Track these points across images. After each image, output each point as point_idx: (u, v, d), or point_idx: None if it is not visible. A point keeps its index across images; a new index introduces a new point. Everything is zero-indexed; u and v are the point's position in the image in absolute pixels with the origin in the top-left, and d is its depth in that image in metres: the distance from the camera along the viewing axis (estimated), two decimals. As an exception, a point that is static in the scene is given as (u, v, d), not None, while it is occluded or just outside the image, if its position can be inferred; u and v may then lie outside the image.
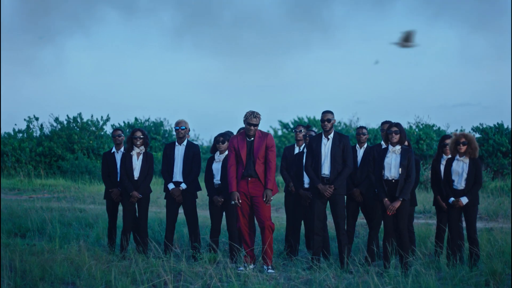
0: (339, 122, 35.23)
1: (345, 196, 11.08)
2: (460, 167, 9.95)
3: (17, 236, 12.87)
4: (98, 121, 35.42)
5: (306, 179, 10.57)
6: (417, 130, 32.69)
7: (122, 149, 11.15)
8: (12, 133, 35.04)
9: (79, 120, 35.70)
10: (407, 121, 34.06)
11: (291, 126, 37.72)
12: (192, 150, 10.79)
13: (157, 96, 50.50)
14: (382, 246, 9.74)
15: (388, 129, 9.76)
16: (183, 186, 10.69)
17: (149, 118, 37.91)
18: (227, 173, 9.81)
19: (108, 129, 37.24)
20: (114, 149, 11.31)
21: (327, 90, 49.14)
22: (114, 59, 52.29)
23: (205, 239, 11.45)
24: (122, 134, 11.36)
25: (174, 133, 38.16)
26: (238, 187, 9.71)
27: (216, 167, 10.69)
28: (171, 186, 10.72)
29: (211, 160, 10.79)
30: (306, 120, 35.72)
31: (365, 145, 11.13)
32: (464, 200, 9.83)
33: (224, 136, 10.66)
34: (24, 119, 35.55)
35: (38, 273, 8.59)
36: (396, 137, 9.67)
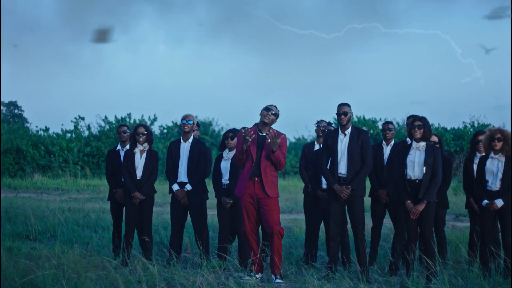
0: (391, 121, 33.91)
1: (370, 198, 10.17)
2: (495, 166, 8.87)
3: (27, 239, 12.23)
4: (145, 122, 35.03)
5: (324, 179, 9.62)
6: (471, 130, 31.33)
7: (128, 146, 10.34)
8: (61, 133, 34.88)
9: (127, 120, 35.42)
10: (462, 120, 32.73)
11: None
12: (198, 147, 9.91)
13: (201, 95, 49.88)
14: (406, 253, 8.74)
15: (412, 123, 8.75)
16: (188, 187, 9.84)
17: (196, 117, 37.28)
18: (235, 155, 8.86)
19: (155, 129, 36.90)
20: (119, 147, 10.56)
21: (381, 89, 47.76)
22: (152, 56, 51.84)
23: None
24: (128, 131, 10.58)
25: (222, 132, 37.88)
26: (244, 188, 8.75)
27: (225, 165, 9.79)
28: (175, 187, 9.89)
29: (219, 158, 9.90)
30: (356, 120, 34.54)
31: (392, 142, 10.16)
32: (499, 202, 8.75)
33: (234, 132, 9.77)
34: (71, 120, 35.44)
35: (14, 282, 7.86)
36: (419, 132, 8.66)
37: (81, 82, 49.67)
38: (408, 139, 9.65)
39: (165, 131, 37.35)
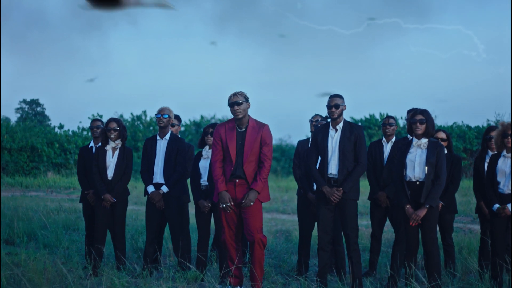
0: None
1: (370, 201, 9.16)
2: (508, 166, 7.77)
3: (4, 244, 11.32)
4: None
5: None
6: (495, 128, 30.12)
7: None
8: (77, 131, 34.23)
9: (143, 117, 34.67)
10: (486, 118, 31.51)
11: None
12: (176, 145, 8.93)
13: (218, 93, 48.85)
14: (406, 264, 7.71)
15: (412, 117, 7.70)
16: (164, 189, 8.88)
17: (214, 115, 36.41)
18: (212, 171, 7.76)
19: (172, 128, 36.15)
20: (92, 143, 9.62)
21: (404, 86, 46.45)
22: (160, 51, 50.97)
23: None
24: (102, 126, 9.62)
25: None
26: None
27: (204, 164, 8.73)
28: (150, 189, 8.93)
29: (198, 156, 8.89)
30: (378, 118, 33.34)
31: (393, 139, 9.11)
32: (512, 207, 7.67)
33: (215, 127, 8.75)
34: (88, 117, 34.85)
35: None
36: (421, 128, 7.61)
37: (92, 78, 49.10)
38: (409, 135, 8.60)
39: (182, 129, 36.55)
